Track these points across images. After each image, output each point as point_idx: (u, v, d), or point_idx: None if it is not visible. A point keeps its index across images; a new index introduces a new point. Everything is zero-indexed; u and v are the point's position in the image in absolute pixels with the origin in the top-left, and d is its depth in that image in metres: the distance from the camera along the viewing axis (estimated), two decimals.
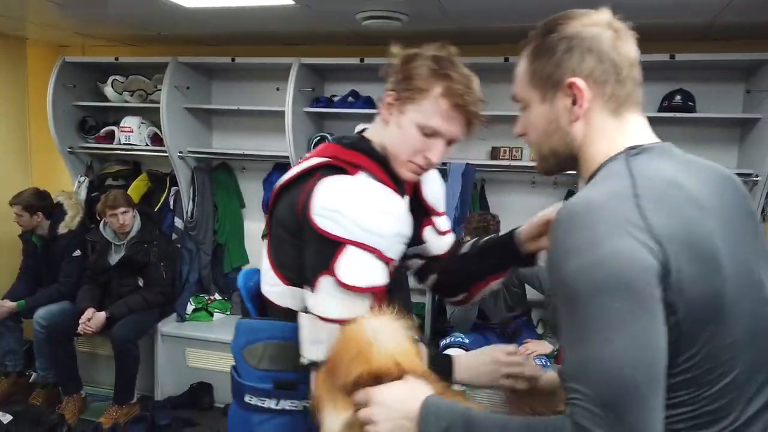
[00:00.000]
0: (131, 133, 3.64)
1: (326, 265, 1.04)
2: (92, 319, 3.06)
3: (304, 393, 1.14)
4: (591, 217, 0.76)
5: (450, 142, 1.15)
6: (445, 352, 2.76)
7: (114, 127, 3.73)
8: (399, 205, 1.11)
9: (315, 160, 1.15)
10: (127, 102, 3.68)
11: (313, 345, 1.06)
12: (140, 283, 3.28)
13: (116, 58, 3.60)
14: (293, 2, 2.50)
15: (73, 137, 3.79)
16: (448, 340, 2.83)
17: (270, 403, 1.19)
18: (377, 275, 1.06)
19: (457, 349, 2.75)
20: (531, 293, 2.98)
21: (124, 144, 3.67)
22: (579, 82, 0.87)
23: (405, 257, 1.27)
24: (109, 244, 3.27)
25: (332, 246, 1.04)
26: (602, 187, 0.82)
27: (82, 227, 3.45)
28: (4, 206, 3.40)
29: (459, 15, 2.65)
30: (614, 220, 0.75)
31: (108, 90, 3.68)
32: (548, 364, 2.68)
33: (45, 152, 3.89)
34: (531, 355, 2.71)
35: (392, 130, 1.15)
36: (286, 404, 1.18)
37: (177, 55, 3.47)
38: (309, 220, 1.05)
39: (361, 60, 3.14)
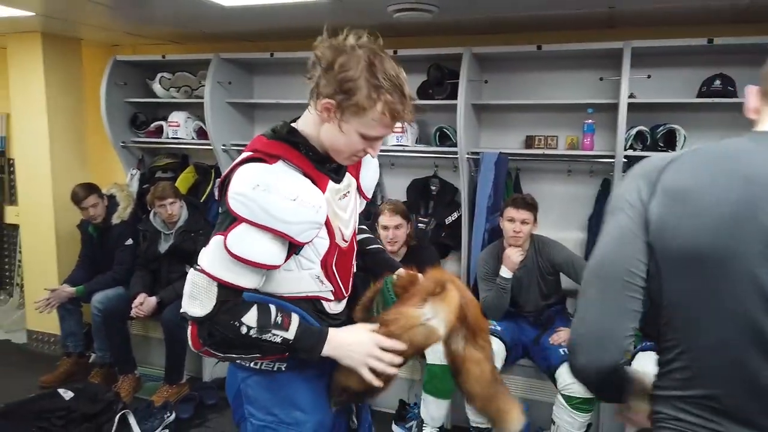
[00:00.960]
0: (178, 127, 3.82)
1: (223, 229, 1.21)
2: (144, 303, 3.26)
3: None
4: (635, 167, 1.01)
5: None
6: None
7: (162, 122, 3.92)
8: (308, 193, 1.23)
9: (243, 156, 1.28)
10: (173, 98, 3.87)
11: (191, 299, 1.22)
12: (188, 270, 3.44)
13: (163, 56, 3.78)
14: None
15: (125, 132, 4.01)
16: None
17: (250, 363, 1.36)
18: (264, 254, 1.20)
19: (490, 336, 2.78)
20: (566, 281, 2.98)
21: (172, 138, 3.86)
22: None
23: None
24: (159, 233, 3.46)
25: (234, 219, 1.19)
26: (667, 153, 1.02)
27: (134, 217, 3.66)
28: (65, 198, 3.64)
29: (488, 4, 2.66)
30: (640, 171, 0.99)
31: (156, 87, 3.87)
32: None
33: (100, 147, 4.13)
34: (562, 343, 2.72)
35: (333, 132, 1.24)
36: (262, 365, 1.36)
37: (219, 52, 3.62)
38: (226, 203, 1.20)
39: (395, 52, 3.18)
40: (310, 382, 1.37)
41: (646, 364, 2.55)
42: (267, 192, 1.17)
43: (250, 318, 1.21)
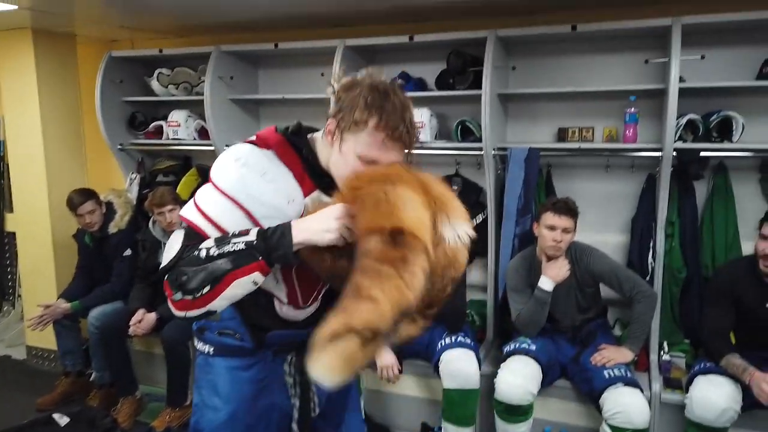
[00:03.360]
0: (178, 127, 3.56)
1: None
2: (142, 320, 3.01)
3: (206, 339, 1.41)
4: None
5: None
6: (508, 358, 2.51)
7: (162, 122, 3.66)
8: (286, 183, 1.25)
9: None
10: (173, 95, 3.60)
11: (165, 254, 1.22)
12: None
13: (160, 50, 3.51)
14: None
15: (123, 134, 3.76)
16: (512, 346, 2.55)
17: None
18: (218, 213, 1.21)
19: (523, 356, 2.47)
20: (606, 292, 2.65)
21: (173, 139, 3.59)
22: None
23: None
24: (159, 242, 3.20)
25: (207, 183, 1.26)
26: None
27: (132, 226, 3.40)
28: (62, 206, 3.38)
29: None
30: None
31: (154, 84, 3.61)
32: (628, 374, 2.36)
33: (99, 150, 3.88)
34: (608, 364, 2.40)
35: (335, 153, 1.24)
36: (206, 348, 1.43)
37: (220, 44, 3.33)
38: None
39: (411, 38, 2.87)
40: (233, 372, 1.39)
41: (707, 392, 2.23)
42: (246, 167, 1.22)
43: (208, 243, 1.18)
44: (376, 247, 1.05)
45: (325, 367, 1.00)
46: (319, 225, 1.15)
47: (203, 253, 1.15)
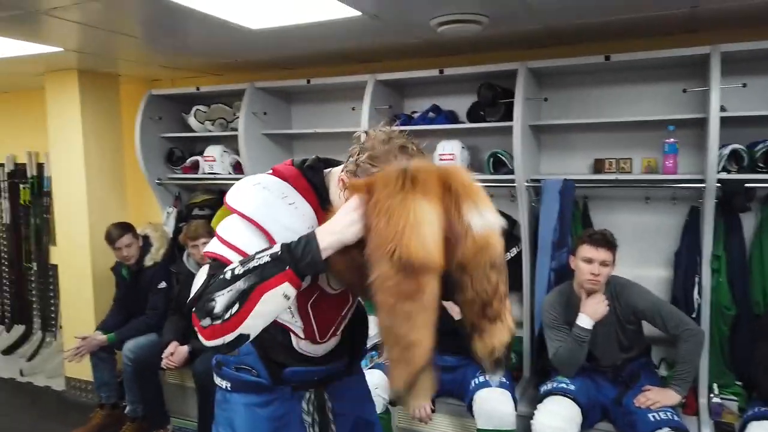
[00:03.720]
0: (214, 162, 3.63)
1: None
2: (174, 353, 3.02)
3: (224, 374, 1.41)
4: None
5: None
6: (545, 398, 2.40)
7: (199, 157, 3.74)
8: (307, 210, 1.25)
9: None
10: (209, 131, 3.68)
11: (193, 289, 1.19)
12: None
13: (197, 88, 3.61)
14: (360, 13, 2.29)
15: (161, 169, 3.85)
16: (549, 386, 2.44)
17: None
18: (240, 239, 1.21)
19: (561, 397, 2.36)
20: (649, 329, 2.52)
21: (208, 173, 3.66)
22: None
23: None
24: (193, 275, 3.21)
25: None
26: None
27: (168, 259, 3.46)
28: (102, 239, 3.46)
29: (547, 12, 2.31)
30: None
31: (191, 120, 3.71)
32: (675, 418, 2.22)
33: (138, 185, 3.99)
34: (654, 407, 2.26)
35: (341, 200, 1.21)
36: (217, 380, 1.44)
37: (254, 81, 3.41)
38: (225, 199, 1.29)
39: (441, 71, 2.88)
40: (250, 408, 1.37)
41: None
42: (266, 190, 1.24)
43: (232, 265, 1.15)
44: (389, 275, 1.06)
45: (417, 405, 1.14)
46: (342, 221, 1.12)
47: (228, 275, 1.11)
